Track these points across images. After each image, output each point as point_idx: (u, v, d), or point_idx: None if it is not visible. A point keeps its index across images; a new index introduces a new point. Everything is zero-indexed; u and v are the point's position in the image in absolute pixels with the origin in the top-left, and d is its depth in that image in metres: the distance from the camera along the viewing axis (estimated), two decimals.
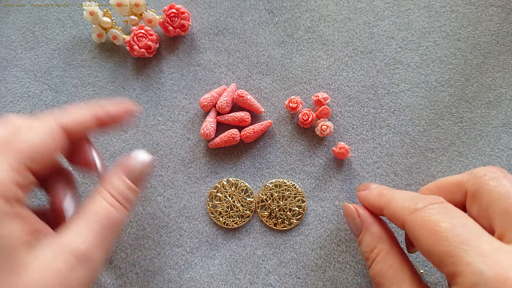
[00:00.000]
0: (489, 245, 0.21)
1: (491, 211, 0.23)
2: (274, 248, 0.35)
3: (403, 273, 0.25)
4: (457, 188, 0.26)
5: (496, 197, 0.23)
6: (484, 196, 0.24)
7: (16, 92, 0.39)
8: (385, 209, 0.27)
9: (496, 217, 0.23)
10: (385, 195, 0.28)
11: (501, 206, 0.22)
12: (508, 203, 0.22)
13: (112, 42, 0.40)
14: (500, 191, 0.23)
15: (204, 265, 0.34)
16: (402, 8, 0.39)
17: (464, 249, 0.20)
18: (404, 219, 0.24)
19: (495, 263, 0.20)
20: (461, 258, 0.20)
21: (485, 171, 0.25)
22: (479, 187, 0.24)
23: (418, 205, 0.24)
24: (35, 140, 0.24)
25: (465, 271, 0.20)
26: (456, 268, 0.20)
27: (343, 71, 0.38)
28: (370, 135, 0.37)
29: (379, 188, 0.30)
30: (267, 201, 0.35)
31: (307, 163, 0.36)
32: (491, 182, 0.24)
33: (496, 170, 0.24)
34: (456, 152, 0.36)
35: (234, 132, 0.36)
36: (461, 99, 0.37)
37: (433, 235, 0.22)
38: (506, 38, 0.38)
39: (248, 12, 0.40)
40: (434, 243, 0.22)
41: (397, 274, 0.25)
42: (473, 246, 0.20)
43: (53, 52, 0.40)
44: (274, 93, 0.38)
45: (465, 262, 0.20)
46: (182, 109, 0.38)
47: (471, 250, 0.20)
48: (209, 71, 0.39)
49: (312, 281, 0.34)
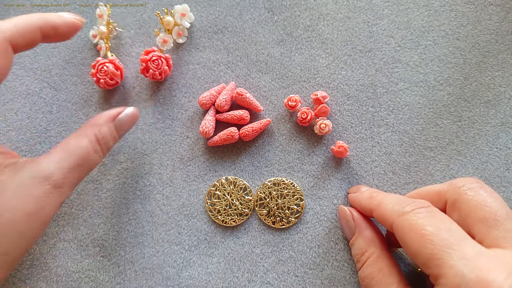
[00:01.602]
0: (471, 249, 0.22)
1: (469, 219, 0.25)
2: (272, 246, 0.35)
3: (392, 277, 0.26)
4: (438, 197, 0.28)
5: (474, 206, 0.25)
6: (463, 205, 0.25)
7: (15, 90, 0.39)
8: (375, 211, 0.28)
9: (475, 224, 0.24)
10: (375, 198, 0.29)
11: (479, 214, 0.24)
12: (486, 211, 0.24)
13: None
14: (478, 200, 0.25)
15: (202, 263, 0.34)
16: (401, 7, 0.39)
17: (448, 252, 0.22)
18: (392, 221, 0.26)
19: (477, 267, 0.21)
20: (445, 261, 0.22)
21: (463, 182, 0.26)
22: (458, 197, 0.26)
23: (406, 209, 0.25)
24: None
25: (448, 273, 0.21)
26: (440, 270, 0.22)
27: (342, 70, 0.38)
28: (368, 133, 0.37)
29: (370, 190, 0.32)
30: (266, 200, 0.35)
31: (306, 162, 0.36)
32: (469, 192, 0.26)
33: (473, 181, 0.26)
34: (454, 151, 0.36)
35: (233, 130, 0.36)
36: (460, 98, 0.37)
37: (419, 238, 0.23)
38: (505, 37, 0.38)
39: (247, 10, 0.40)
40: (420, 245, 0.23)
41: (386, 278, 0.27)
42: (457, 250, 0.22)
43: (53, 50, 0.40)
44: (273, 91, 0.38)
45: (448, 265, 0.21)
46: (181, 107, 0.38)
47: (454, 253, 0.22)
48: (208, 69, 0.39)
49: (310, 279, 0.34)
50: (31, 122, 0.38)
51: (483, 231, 0.24)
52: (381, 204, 0.28)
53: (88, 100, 0.39)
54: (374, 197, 0.30)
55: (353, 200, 0.33)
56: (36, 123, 0.38)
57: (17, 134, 0.38)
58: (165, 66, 0.37)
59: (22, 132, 0.38)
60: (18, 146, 0.38)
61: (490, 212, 0.24)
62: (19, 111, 0.39)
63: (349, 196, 0.34)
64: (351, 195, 0.33)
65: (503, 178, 0.35)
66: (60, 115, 0.38)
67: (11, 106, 0.39)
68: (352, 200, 0.33)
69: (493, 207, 0.24)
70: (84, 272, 0.35)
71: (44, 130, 0.38)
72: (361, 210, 0.32)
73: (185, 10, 0.38)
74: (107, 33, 0.39)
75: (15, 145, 0.38)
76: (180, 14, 0.38)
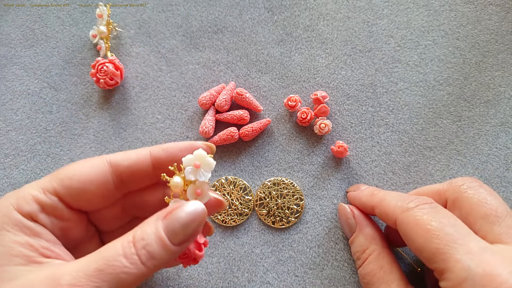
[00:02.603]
0: (476, 244, 0.23)
1: (471, 216, 0.25)
2: (272, 246, 0.35)
3: (393, 274, 0.27)
4: (438, 197, 0.28)
5: (475, 204, 0.25)
6: (464, 203, 0.26)
7: (15, 90, 0.39)
8: (377, 208, 0.28)
9: (477, 221, 0.25)
10: (377, 195, 0.29)
11: (480, 211, 0.25)
12: (487, 208, 0.25)
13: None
14: (478, 198, 0.26)
15: (202, 263, 0.34)
16: (401, 6, 0.39)
17: (453, 247, 0.22)
18: (396, 217, 0.26)
19: (482, 261, 0.21)
20: (451, 255, 0.22)
21: (463, 181, 0.27)
22: (458, 195, 0.26)
23: (410, 205, 0.26)
24: (74, 170, 0.24)
25: (455, 267, 0.22)
26: (446, 264, 0.22)
27: (342, 70, 0.38)
28: (368, 133, 0.37)
29: (370, 188, 0.32)
30: (266, 199, 0.35)
31: (306, 162, 0.36)
32: (469, 190, 0.26)
33: (472, 180, 0.27)
34: (454, 151, 0.36)
35: (233, 130, 0.36)
36: (460, 98, 0.37)
37: (424, 233, 0.23)
38: (505, 37, 0.38)
39: (247, 10, 0.40)
40: (425, 240, 0.23)
41: (387, 275, 0.27)
42: (462, 245, 0.22)
43: (53, 50, 0.40)
44: (273, 91, 0.38)
45: (455, 259, 0.22)
46: (181, 107, 0.38)
47: (460, 248, 0.22)
48: (208, 69, 0.39)
49: (310, 279, 0.34)
50: (31, 122, 0.38)
51: (485, 227, 0.24)
52: (384, 200, 0.28)
53: (88, 100, 0.39)
54: (376, 194, 0.30)
55: (353, 198, 0.33)
56: (36, 123, 0.38)
57: (17, 134, 0.38)
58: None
59: (22, 132, 0.38)
60: (18, 146, 0.38)
61: (491, 209, 0.25)
62: (19, 111, 0.39)
63: (349, 194, 0.34)
64: (350, 193, 0.34)
65: (503, 178, 0.35)
66: (60, 115, 0.38)
67: (11, 106, 0.39)
68: (352, 198, 0.33)
69: (494, 204, 0.25)
70: None
71: (44, 130, 0.38)
72: (362, 208, 0.32)
73: (200, 158, 0.24)
74: (107, 33, 0.39)
75: (14, 145, 0.38)
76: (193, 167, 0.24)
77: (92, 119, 0.38)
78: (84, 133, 0.38)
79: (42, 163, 0.37)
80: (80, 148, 0.38)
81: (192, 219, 0.22)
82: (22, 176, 0.37)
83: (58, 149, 0.38)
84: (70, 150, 0.38)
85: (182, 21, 0.40)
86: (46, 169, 0.37)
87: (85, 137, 0.38)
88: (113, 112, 0.38)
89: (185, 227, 0.21)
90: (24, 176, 0.37)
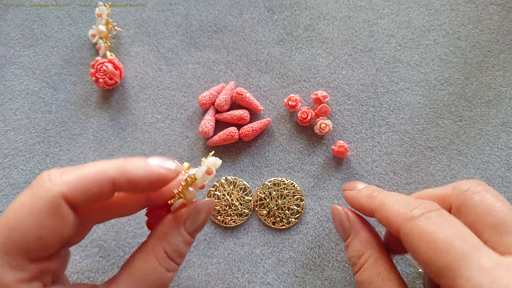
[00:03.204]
0: (487, 258, 0.21)
1: (478, 225, 0.24)
2: (272, 247, 0.35)
3: (391, 281, 0.25)
4: (441, 202, 0.26)
5: (482, 211, 0.24)
6: (470, 210, 0.24)
7: (14, 90, 0.39)
8: (378, 212, 0.26)
9: (485, 231, 0.23)
10: (377, 197, 0.27)
11: (489, 220, 0.23)
12: (495, 217, 0.23)
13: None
14: (486, 205, 0.24)
15: (202, 264, 0.34)
16: (402, 6, 0.39)
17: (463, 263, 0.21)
18: (399, 226, 0.24)
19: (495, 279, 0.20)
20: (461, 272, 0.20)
21: (468, 185, 0.26)
22: (464, 202, 0.25)
23: (414, 213, 0.24)
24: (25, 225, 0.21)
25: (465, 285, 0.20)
26: (455, 281, 0.20)
27: (343, 69, 0.38)
28: (369, 133, 0.36)
29: (369, 188, 0.29)
30: (266, 200, 0.35)
31: (306, 162, 0.36)
32: (476, 196, 0.25)
33: (478, 184, 0.25)
34: (455, 151, 0.36)
35: (233, 130, 0.36)
36: (461, 98, 0.37)
37: (432, 246, 0.22)
38: (506, 37, 0.38)
39: (247, 9, 0.40)
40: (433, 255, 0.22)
41: (385, 283, 0.25)
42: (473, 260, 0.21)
43: (52, 49, 0.40)
44: (273, 91, 0.38)
45: (465, 276, 0.20)
46: (181, 107, 0.38)
47: (470, 264, 0.20)
48: (208, 69, 0.39)
49: (311, 280, 0.33)
50: (30, 122, 0.38)
51: (494, 237, 0.23)
52: (384, 205, 0.26)
53: (87, 100, 0.39)
54: (376, 196, 0.27)
55: (351, 198, 0.30)
56: (35, 123, 0.38)
57: (16, 134, 0.38)
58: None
59: (21, 132, 0.38)
60: (17, 146, 0.38)
61: (500, 218, 0.23)
62: (18, 111, 0.39)
63: (346, 193, 0.31)
64: (348, 192, 0.31)
65: (504, 178, 0.35)
66: (59, 115, 0.38)
67: (10, 106, 0.39)
68: (350, 198, 0.30)
69: (502, 212, 0.23)
70: (83, 273, 0.34)
71: (43, 130, 0.38)
72: (360, 210, 0.29)
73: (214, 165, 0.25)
74: (106, 32, 0.39)
75: (14, 145, 0.38)
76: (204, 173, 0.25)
77: (91, 119, 0.38)
78: (84, 133, 0.38)
79: (41, 163, 0.37)
80: (79, 148, 0.37)
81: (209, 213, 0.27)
82: (21, 176, 0.37)
83: (57, 149, 0.37)
84: (69, 150, 0.37)
85: (181, 21, 0.40)
86: (45, 169, 0.37)
87: (84, 137, 0.38)
88: (112, 112, 0.38)
89: (204, 222, 0.26)
90: (24, 176, 0.37)
